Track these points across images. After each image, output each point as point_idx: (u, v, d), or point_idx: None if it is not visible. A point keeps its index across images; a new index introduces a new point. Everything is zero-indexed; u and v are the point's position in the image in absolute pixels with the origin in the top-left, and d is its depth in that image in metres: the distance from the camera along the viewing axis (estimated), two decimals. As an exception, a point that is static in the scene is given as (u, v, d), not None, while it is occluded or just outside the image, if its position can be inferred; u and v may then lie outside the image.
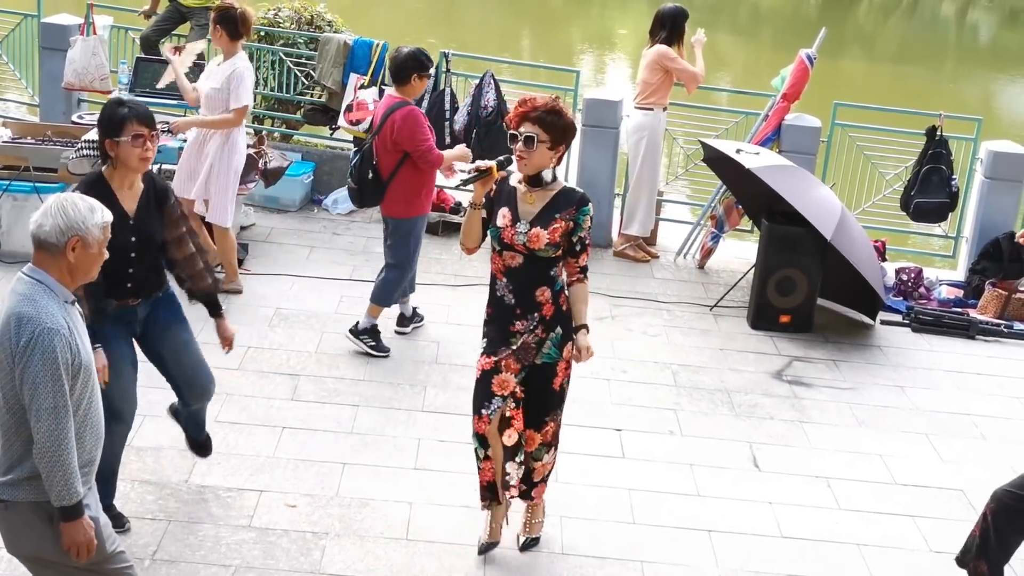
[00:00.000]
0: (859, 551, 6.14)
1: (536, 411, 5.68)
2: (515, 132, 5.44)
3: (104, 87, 10.43)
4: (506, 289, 5.54)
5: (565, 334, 5.58)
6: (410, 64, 7.68)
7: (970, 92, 23.50)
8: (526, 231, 5.43)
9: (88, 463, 4.20)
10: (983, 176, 10.25)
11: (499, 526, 5.86)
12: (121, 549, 4.36)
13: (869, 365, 8.52)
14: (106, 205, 5.07)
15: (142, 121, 5.27)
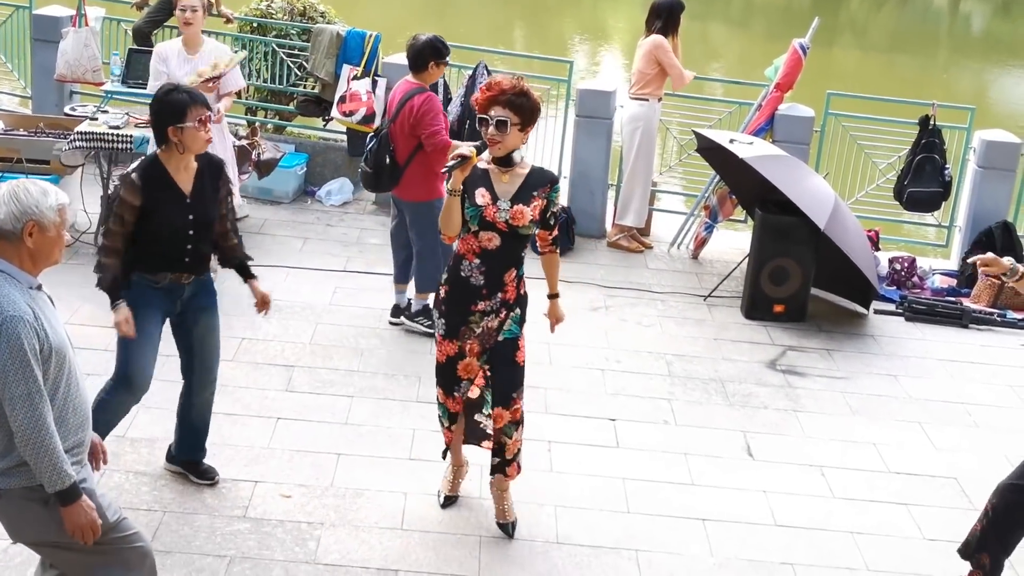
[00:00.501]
0: (853, 539, 6.16)
1: (503, 388, 5.76)
2: (485, 116, 5.51)
3: (96, 79, 10.41)
4: (476, 270, 5.59)
5: (523, 315, 5.76)
6: (428, 51, 7.80)
7: (963, 82, 23.52)
8: (508, 208, 5.51)
9: (77, 444, 4.20)
10: (976, 165, 10.27)
11: (459, 482, 6.14)
12: (123, 516, 4.36)
13: (863, 354, 8.54)
14: (163, 187, 5.44)
15: (202, 104, 5.46)
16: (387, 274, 9.13)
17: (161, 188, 5.49)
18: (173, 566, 5.37)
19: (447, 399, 5.85)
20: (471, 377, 5.75)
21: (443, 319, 5.73)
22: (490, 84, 5.56)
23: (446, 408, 5.89)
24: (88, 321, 7.66)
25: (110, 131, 8.84)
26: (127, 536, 4.32)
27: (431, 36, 7.87)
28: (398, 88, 8.05)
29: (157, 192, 5.48)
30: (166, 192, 5.50)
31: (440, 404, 5.92)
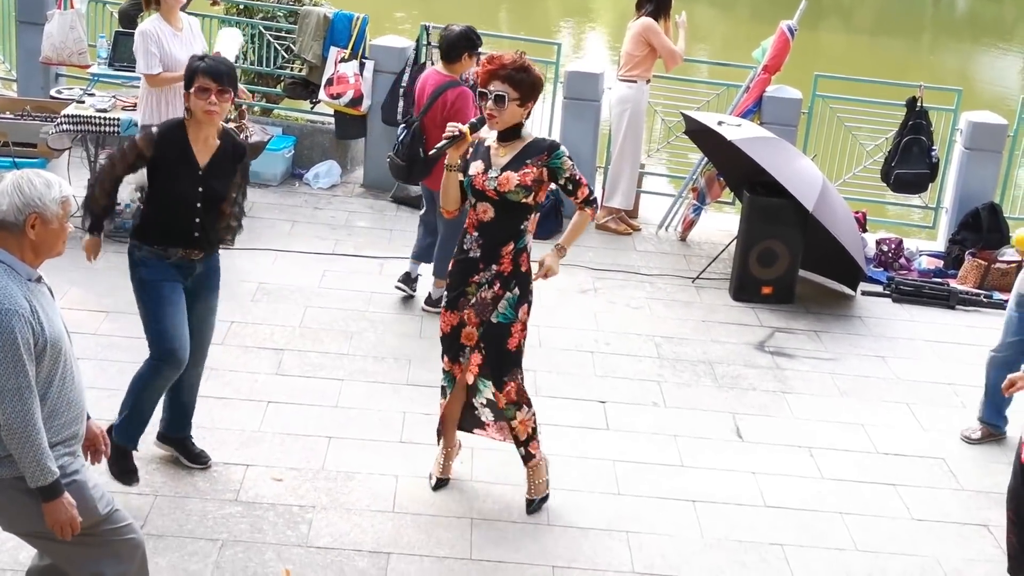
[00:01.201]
0: (842, 519, 6.20)
1: (495, 372, 5.79)
2: (484, 90, 5.52)
3: (82, 61, 10.36)
4: (475, 243, 5.65)
5: (522, 295, 5.71)
6: (462, 43, 7.90)
7: (948, 63, 23.57)
8: (496, 176, 5.53)
9: (71, 437, 4.20)
10: (963, 147, 10.29)
11: (450, 466, 6.14)
12: (116, 508, 4.35)
13: (850, 336, 8.58)
14: (178, 153, 5.51)
15: (209, 75, 5.49)
16: (375, 257, 9.16)
17: (176, 152, 5.58)
18: (165, 550, 5.38)
19: (452, 365, 5.87)
20: (472, 344, 5.76)
21: (447, 291, 5.82)
22: (491, 58, 5.56)
23: (451, 375, 5.90)
24: (77, 305, 7.67)
25: (97, 114, 8.81)
26: (119, 528, 4.32)
27: (465, 27, 7.96)
28: (428, 79, 8.11)
29: (170, 154, 5.56)
30: (180, 157, 5.59)
31: (445, 372, 5.93)
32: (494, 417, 5.99)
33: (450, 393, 5.97)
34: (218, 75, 5.52)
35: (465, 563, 5.55)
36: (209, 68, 5.54)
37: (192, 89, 5.53)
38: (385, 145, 10.61)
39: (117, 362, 7.05)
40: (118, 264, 8.40)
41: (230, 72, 5.64)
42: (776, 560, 5.80)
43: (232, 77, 5.65)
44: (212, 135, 5.65)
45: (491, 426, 6.05)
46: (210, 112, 5.52)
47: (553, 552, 5.69)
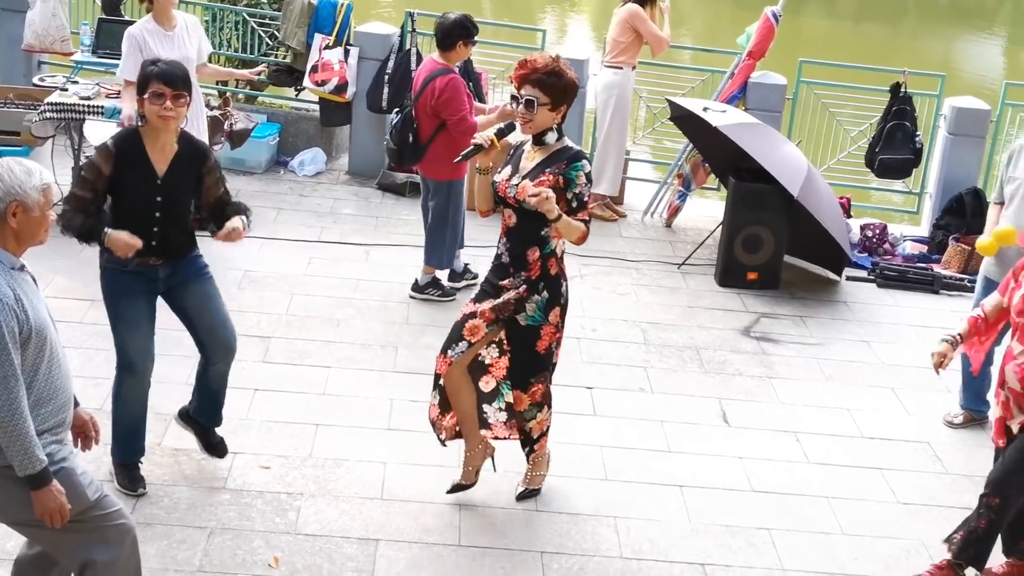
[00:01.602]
0: (828, 503, 6.23)
1: (522, 373, 5.74)
2: (516, 94, 5.48)
3: (65, 49, 10.31)
4: (504, 247, 5.64)
5: (552, 298, 5.60)
6: (456, 31, 7.88)
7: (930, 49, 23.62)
8: (517, 184, 5.49)
9: (58, 424, 4.19)
10: (946, 132, 10.32)
11: (472, 470, 5.94)
12: (105, 494, 4.35)
13: (835, 321, 8.61)
14: (135, 161, 5.35)
15: (164, 80, 5.31)
16: (361, 244, 9.15)
17: (134, 162, 5.41)
18: (153, 538, 5.38)
19: (440, 359, 5.70)
20: (472, 340, 5.65)
21: (480, 287, 5.81)
22: (523, 62, 5.49)
23: (436, 373, 5.76)
24: (61, 293, 7.64)
25: (81, 102, 8.77)
26: (109, 514, 4.32)
27: (460, 15, 7.94)
28: (424, 66, 8.17)
29: (129, 165, 5.40)
30: (138, 167, 5.41)
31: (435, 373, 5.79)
32: (506, 419, 5.91)
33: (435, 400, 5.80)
34: (172, 79, 5.33)
35: (453, 549, 5.56)
36: (162, 72, 5.34)
37: (146, 95, 5.34)
38: (370, 132, 10.63)
39: (103, 350, 7.02)
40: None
41: (184, 76, 5.43)
42: (763, 544, 5.83)
43: (187, 80, 5.45)
44: (170, 141, 5.46)
45: (498, 427, 5.94)
46: (165, 118, 5.34)
47: (541, 538, 5.71)
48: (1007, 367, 5.32)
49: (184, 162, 5.51)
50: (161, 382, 6.58)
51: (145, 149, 5.42)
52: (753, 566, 5.67)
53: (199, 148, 5.65)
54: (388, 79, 10.31)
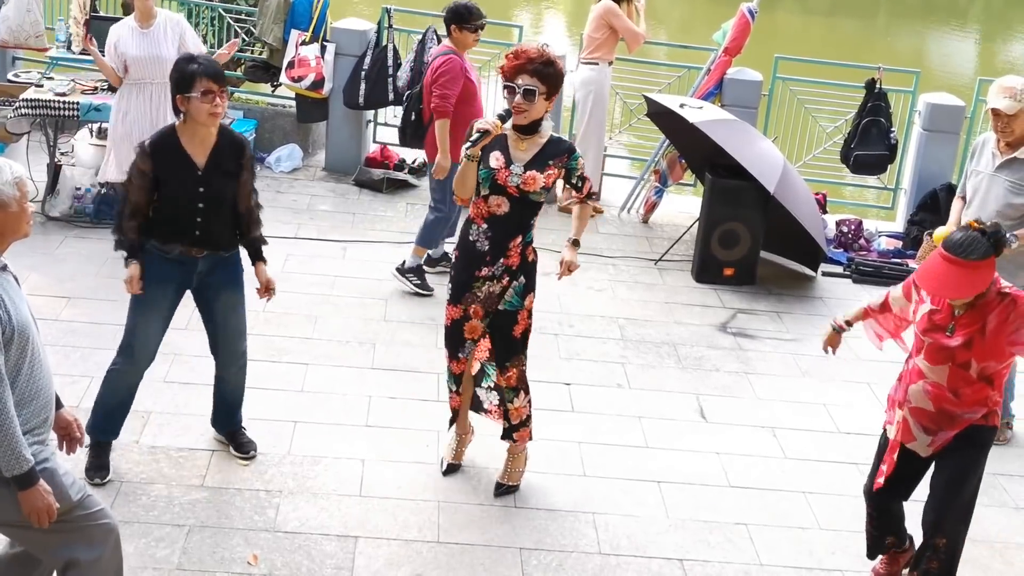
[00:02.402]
0: (805, 498, 6.26)
1: (499, 356, 5.85)
2: (512, 84, 5.51)
3: (39, 44, 10.23)
4: (483, 235, 5.65)
5: (528, 284, 5.77)
6: (448, 17, 8.06)
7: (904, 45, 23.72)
8: (521, 173, 5.55)
9: (40, 424, 4.18)
10: (921, 128, 10.38)
11: (463, 452, 6.16)
12: (88, 493, 4.34)
13: (811, 316, 8.65)
14: (175, 158, 5.50)
15: (211, 77, 5.44)
16: (338, 241, 9.14)
17: (173, 158, 5.55)
18: (132, 536, 5.36)
19: (452, 362, 5.91)
20: (475, 338, 5.80)
21: (451, 284, 5.81)
22: (517, 52, 5.55)
23: (451, 372, 5.96)
24: (37, 291, 7.61)
25: (56, 98, 8.75)
26: (92, 513, 4.31)
27: (454, 2, 8.05)
28: (436, 49, 8.35)
29: (169, 162, 5.55)
30: (178, 162, 5.56)
31: (447, 368, 5.97)
32: (498, 402, 6.02)
33: (458, 390, 6.00)
34: (218, 75, 5.51)
35: (432, 546, 5.57)
36: (208, 70, 5.48)
37: (195, 93, 5.44)
38: (347, 129, 10.62)
39: (79, 348, 7.02)
40: (79, 249, 8.41)
41: (221, 71, 5.60)
42: (740, 539, 5.86)
43: (224, 76, 5.65)
44: (209, 135, 5.61)
45: (494, 411, 6.07)
46: (215, 114, 5.50)
47: (520, 534, 5.73)
48: (913, 387, 5.12)
49: (224, 153, 5.66)
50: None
51: (182, 144, 5.56)
52: (731, 561, 5.69)
53: (237, 139, 5.77)
54: (365, 75, 10.30)
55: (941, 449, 5.14)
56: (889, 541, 5.54)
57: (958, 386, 5.00)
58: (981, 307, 4.89)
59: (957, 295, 4.83)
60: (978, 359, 4.93)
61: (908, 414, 5.15)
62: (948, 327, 4.96)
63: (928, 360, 5.05)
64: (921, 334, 5.07)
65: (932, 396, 5.06)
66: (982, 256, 4.75)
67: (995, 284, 4.91)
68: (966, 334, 4.91)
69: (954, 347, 4.94)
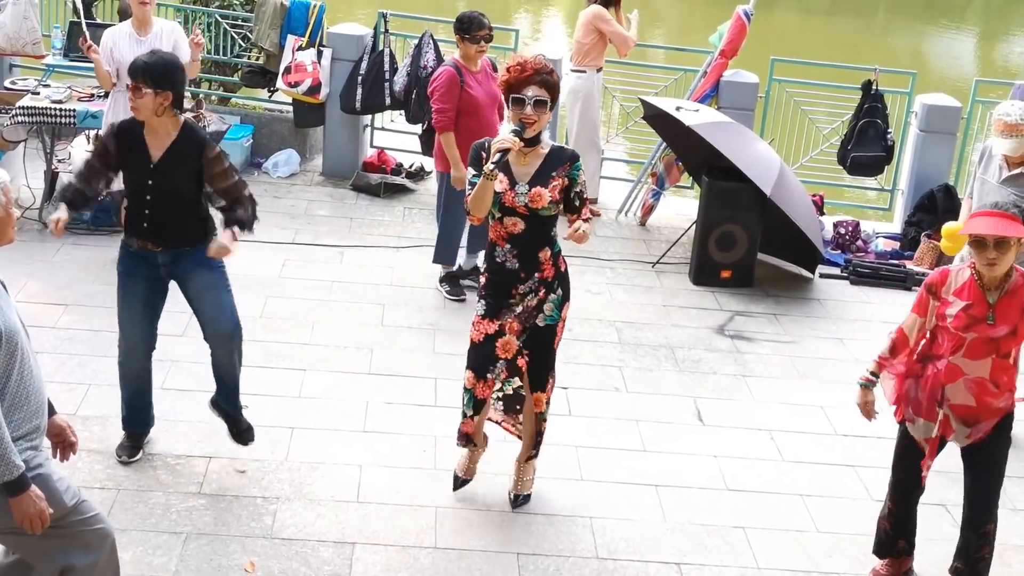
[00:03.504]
0: (802, 501, 6.26)
1: (540, 373, 5.82)
2: (521, 96, 5.46)
3: (36, 52, 10.24)
4: (509, 255, 5.61)
5: (564, 295, 5.77)
6: (454, 27, 8.08)
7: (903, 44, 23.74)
8: (526, 191, 5.51)
9: (33, 430, 4.17)
10: (918, 129, 10.38)
11: (475, 467, 6.08)
12: (83, 499, 4.34)
13: (809, 318, 8.65)
14: (133, 147, 5.67)
15: (129, 72, 5.63)
16: (335, 246, 9.15)
17: (132, 146, 5.68)
18: (129, 544, 5.36)
19: (477, 383, 5.72)
20: (508, 356, 5.69)
21: (483, 301, 5.72)
22: (521, 65, 5.49)
23: (472, 395, 5.75)
24: (33, 299, 7.62)
25: (53, 105, 8.75)
26: (87, 519, 4.31)
27: (464, 11, 8.10)
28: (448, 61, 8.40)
29: (128, 148, 5.69)
30: (135, 151, 5.68)
31: (467, 391, 5.77)
32: (504, 410, 5.99)
33: (474, 415, 5.80)
34: (133, 72, 5.59)
35: (430, 552, 5.57)
36: (136, 65, 5.62)
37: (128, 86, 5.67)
38: (344, 133, 10.63)
39: (76, 356, 7.03)
40: (76, 257, 8.42)
41: (146, 67, 5.56)
42: (738, 543, 5.86)
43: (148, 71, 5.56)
44: (165, 129, 5.65)
45: (508, 420, 6.05)
46: (134, 108, 5.62)
47: (517, 539, 5.73)
48: (953, 385, 5.16)
49: (180, 150, 5.69)
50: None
51: (143, 135, 5.68)
52: (728, 564, 5.70)
53: (198, 138, 5.77)
54: (361, 80, 10.31)
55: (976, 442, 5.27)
56: (901, 544, 5.56)
57: (999, 377, 5.13)
58: (1013, 292, 5.04)
59: (1006, 232, 4.92)
60: (1017, 344, 5.09)
61: (948, 411, 5.24)
62: (988, 316, 5.05)
63: (969, 357, 5.12)
64: (962, 331, 5.10)
65: (975, 391, 5.16)
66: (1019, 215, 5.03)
67: (1019, 270, 5.08)
68: (1009, 322, 5.03)
69: (999, 337, 5.05)
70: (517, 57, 5.64)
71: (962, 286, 5.12)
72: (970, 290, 5.09)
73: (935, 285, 5.22)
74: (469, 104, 7.91)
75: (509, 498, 6.02)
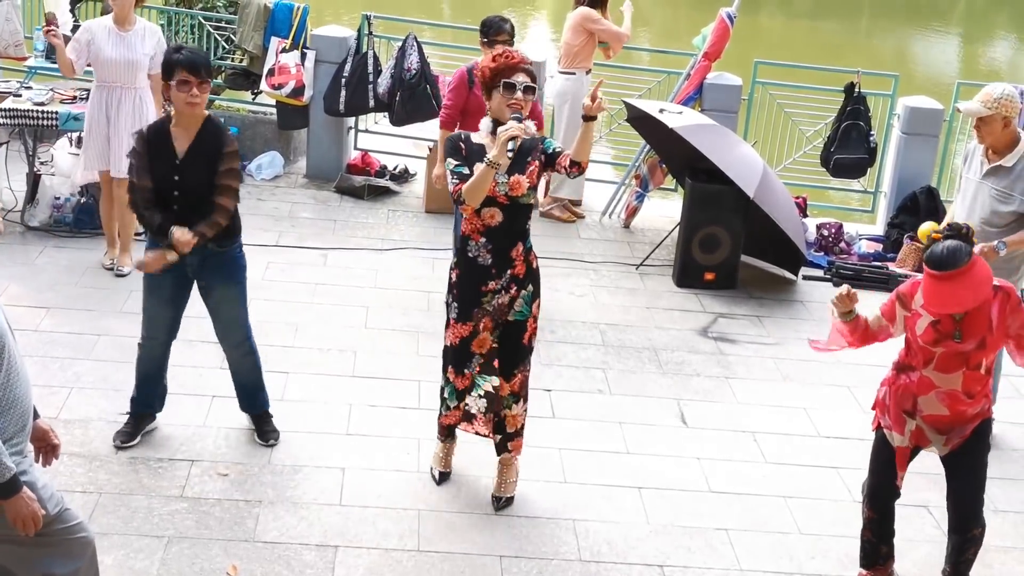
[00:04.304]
0: (785, 503, 6.27)
1: (507, 364, 5.87)
2: (512, 81, 5.53)
3: (19, 53, 10.22)
4: (483, 249, 5.65)
5: (535, 291, 5.82)
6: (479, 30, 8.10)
7: (885, 46, 23.80)
8: (506, 180, 5.55)
9: (18, 433, 4.15)
10: (900, 131, 10.42)
11: (451, 459, 6.19)
12: (66, 507, 4.32)
13: (792, 320, 8.67)
14: (162, 145, 5.74)
15: (189, 69, 5.67)
16: (319, 248, 9.13)
17: (160, 144, 5.79)
18: (110, 548, 5.34)
19: (457, 377, 5.90)
20: (483, 351, 5.82)
21: (456, 303, 5.77)
22: (507, 53, 5.61)
23: (454, 387, 5.92)
24: (16, 301, 7.59)
25: (35, 107, 8.72)
26: (70, 527, 4.29)
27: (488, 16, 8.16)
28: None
29: (157, 148, 5.79)
30: (163, 150, 5.78)
31: (448, 382, 5.94)
32: (485, 409, 5.99)
33: (457, 406, 5.97)
34: (196, 67, 5.69)
35: (413, 555, 5.56)
36: (187, 60, 5.70)
37: (173, 81, 5.69)
38: (327, 135, 10.61)
39: (58, 359, 7.00)
40: (58, 260, 8.39)
41: (207, 63, 5.85)
42: (721, 545, 5.86)
43: (208, 67, 5.85)
44: (193, 125, 5.80)
45: (479, 419, 6.05)
46: (192, 104, 5.70)
47: (500, 542, 5.72)
48: (923, 398, 5.19)
49: (203, 145, 5.80)
50: (118, 389, 6.59)
51: (170, 133, 5.81)
52: (711, 567, 5.70)
53: (219, 133, 5.87)
54: (345, 82, 10.30)
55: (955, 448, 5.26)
56: (884, 550, 5.56)
57: (971, 387, 5.12)
58: (978, 307, 4.96)
59: (969, 305, 4.84)
60: (987, 356, 5.06)
61: (921, 422, 5.24)
62: (954, 333, 5.02)
63: (940, 370, 5.11)
64: (931, 346, 5.09)
65: (947, 403, 5.15)
66: (967, 257, 4.79)
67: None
68: (976, 336, 5.00)
69: (969, 351, 5.03)
70: (501, 49, 5.76)
71: None
72: None
73: (906, 296, 5.20)
74: (476, 106, 7.91)
75: (492, 500, 6.03)
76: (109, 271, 8.23)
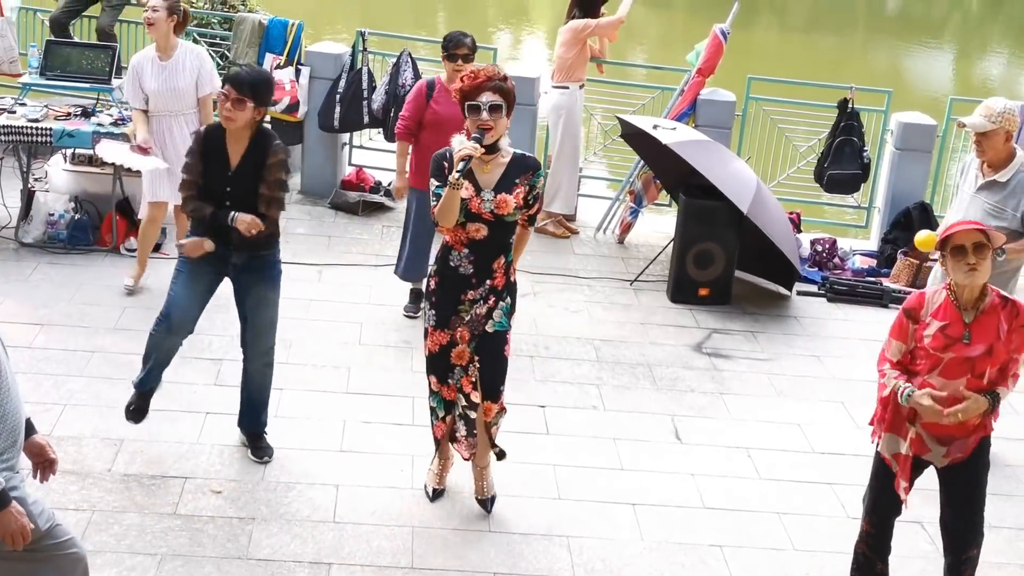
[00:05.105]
0: (779, 519, 6.27)
1: (491, 382, 5.87)
2: (476, 103, 5.52)
3: (13, 70, 10.23)
4: (465, 260, 5.68)
5: (512, 303, 5.84)
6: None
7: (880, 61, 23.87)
8: (492, 198, 5.57)
9: (8, 449, 4.14)
10: (893, 147, 10.44)
11: (445, 477, 6.22)
12: (57, 523, 4.31)
13: (786, 336, 8.67)
14: (216, 151, 5.92)
15: (231, 83, 5.86)
16: (313, 264, 9.14)
17: (214, 151, 5.97)
18: (103, 566, 5.33)
19: (441, 387, 5.91)
20: (463, 364, 5.81)
21: (434, 310, 5.80)
22: (474, 72, 5.59)
23: (441, 397, 5.95)
24: (10, 318, 7.58)
25: (29, 124, 8.72)
26: (60, 543, 4.28)
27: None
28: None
29: (211, 152, 5.97)
30: (216, 156, 5.96)
31: (434, 394, 5.96)
32: (466, 432, 5.97)
33: (444, 415, 5.99)
34: (235, 83, 5.85)
35: (406, 572, 5.55)
36: (231, 76, 5.91)
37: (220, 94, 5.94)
38: (322, 152, 10.62)
39: (52, 376, 6.99)
40: (52, 276, 8.38)
41: (251, 82, 5.88)
42: (715, 562, 5.86)
43: (255, 86, 5.89)
44: (244, 136, 5.93)
45: (462, 443, 6.02)
46: (226, 118, 5.86)
47: (494, 559, 5.72)
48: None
49: (252, 155, 5.93)
50: (111, 406, 6.58)
51: (225, 141, 5.96)
52: (705, 583, 5.70)
53: (267, 143, 5.98)
54: (340, 98, 10.31)
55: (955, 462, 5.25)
56: (879, 567, 5.54)
57: None
58: (988, 311, 5.03)
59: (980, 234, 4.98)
60: (993, 365, 5.05)
61: (921, 429, 5.22)
62: (964, 336, 5.04)
63: (944, 376, 5.10)
64: (939, 351, 5.09)
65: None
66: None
67: (994, 291, 5.09)
68: (985, 341, 5.02)
69: (975, 357, 5.03)
70: (472, 67, 5.79)
71: (939, 307, 5.13)
72: (946, 310, 5.10)
73: (914, 310, 5.19)
74: (433, 119, 7.91)
75: (479, 505, 6.06)
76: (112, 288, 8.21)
